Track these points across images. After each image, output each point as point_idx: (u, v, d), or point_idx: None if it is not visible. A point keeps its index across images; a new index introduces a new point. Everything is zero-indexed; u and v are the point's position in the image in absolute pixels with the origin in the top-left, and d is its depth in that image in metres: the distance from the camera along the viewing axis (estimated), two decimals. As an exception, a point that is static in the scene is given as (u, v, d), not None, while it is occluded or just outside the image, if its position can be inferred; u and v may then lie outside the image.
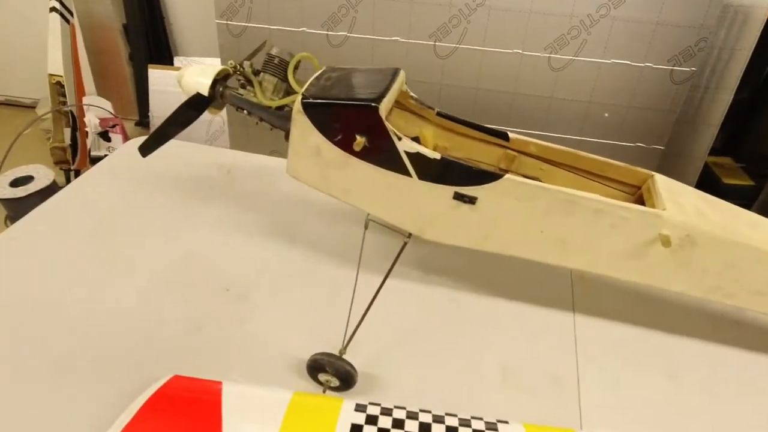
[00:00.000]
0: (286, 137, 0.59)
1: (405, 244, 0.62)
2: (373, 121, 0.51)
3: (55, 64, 1.99)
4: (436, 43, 1.43)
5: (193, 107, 0.65)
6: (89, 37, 2.25)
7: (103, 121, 2.05)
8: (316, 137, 0.54)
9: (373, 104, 0.50)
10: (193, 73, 0.62)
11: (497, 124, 1.61)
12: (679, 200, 0.53)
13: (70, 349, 0.66)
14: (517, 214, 0.54)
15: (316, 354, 0.62)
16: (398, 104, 0.61)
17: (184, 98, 0.67)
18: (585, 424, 0.61)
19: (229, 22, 1.50)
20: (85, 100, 2.10)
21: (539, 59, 1.39)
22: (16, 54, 2.51)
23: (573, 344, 0.71)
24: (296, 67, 0.61)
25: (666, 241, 0.51)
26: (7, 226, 1.86)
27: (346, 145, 0.54)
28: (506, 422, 0.55)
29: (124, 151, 1.15)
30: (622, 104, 1.41)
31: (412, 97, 0.59)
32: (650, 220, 0.51)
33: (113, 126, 2.08)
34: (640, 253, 0.54)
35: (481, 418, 0.55)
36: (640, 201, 0.58)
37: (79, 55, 2.09)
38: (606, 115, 1.44)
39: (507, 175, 0.52)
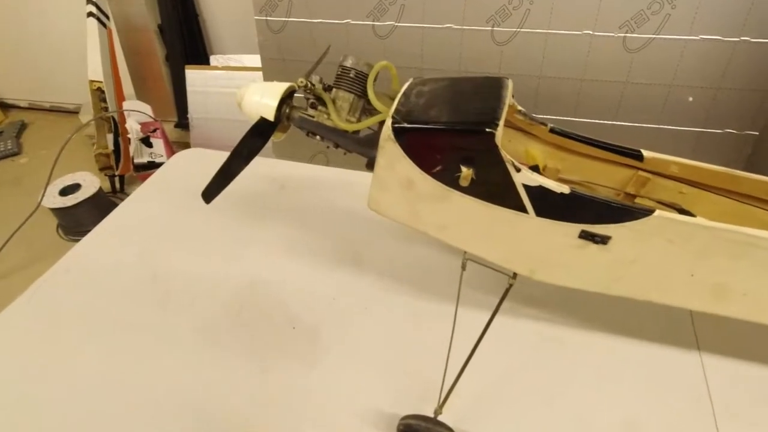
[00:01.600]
0: (369, 166, 0.50)
1: (510, 286, 0.52)
2: (487, 149, 0.41)
3: (95, 69, 1.96)
4: (494, 29, 1.30)
5: (259, 134, 0.57)
6: (125, 40, 2.22)
7: (144, 126, 2.03)
8: (409, 168, 0.45)
9: (487, 129, 0.40)
10: (254, 92, 0.53)
11: (562, 115, 1.47)
12: None
13: (122, 407, 0.60)
14: (663, 256, 0.43)
15: (408, 417, 0.53)
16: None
17: (222, 98, 0.58)
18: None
19: (268, 18, 1.41)
20: (126, 105, 2.08)
21: (612, 40, 1.24)
22: (58, 61, 2.52)
23: (706, 393, 0.60)
24: (375, 80, 0.51)
25: None
26: (59, 235, 1.88)
27: (447, 178, 0.44)
28: None
29: (173, 164, 1.10)
30: (711, 86, 1.25)
31: (519, 111, 0.49)
32: None
33: (154, 130, 2.05)
34: None
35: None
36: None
37: (117, 59, 2.07)
38: (690, 99, 1.28)
39: (657, 212, 0.41)
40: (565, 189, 0.42)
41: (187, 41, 2.18)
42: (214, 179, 0.61)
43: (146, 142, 2.03)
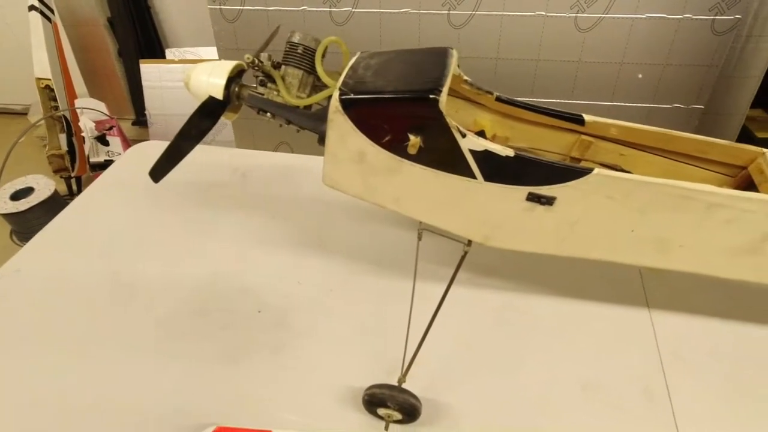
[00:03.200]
0: (320, 141, 0.50)
1: (465, 254, 0.53)
2: (432, 116, 0.41)
3: (42, 66, 1.87)
4: (450, 12, 1.31)
5: (208, 114, 0.56)
6: (73, 35, 2.13)
7: (98, 124, 1.95)
8: (359, 140, 0.45)
9: (431, 96, 0.41)
10: (201, 72, 0.52)
11: (521, 95, 1.49)
12: (804, 183, 0.44)
13: (89, 398, 0.58)
14: (605, 214, 0.45)
15: (373, 387, 0.54)
16: (450, 90, 0.51)
17: (180, 93, 0.57)
18: (687, 444, 0.53)
19: (222, 7, 1.38)
20: (78, 102, 1.99)
21: (564, 20, 1.27)
22: (1, 59, 2.39)
23: (655, 347, 0.63)
24: (323, 56, 0.51)
25: (794, 235, 0.42)
26: (13, 241, 1.79)
27: (396, 148, 0.45)
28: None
29: (127, 159, 1.06)
30: (658, 63, 1.30)
31: (466, 81, 0.50)
32: (776, 211, 0.42)
33: (110, 128, 1.98)
34: (757, 248, 0.45)
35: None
36: (746, 183, 0.49)
37: (66, 55, 1.98)
38: (640, 76, 1.32)
39: (596, 170, 0.43)
40: (509, 152, 0.43)
41: (140, 35, 2.11)
42: (162, 159, 0.60)
43: (102, 140, 1.95)
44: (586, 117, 0.49)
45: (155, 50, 2.17)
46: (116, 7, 2.04)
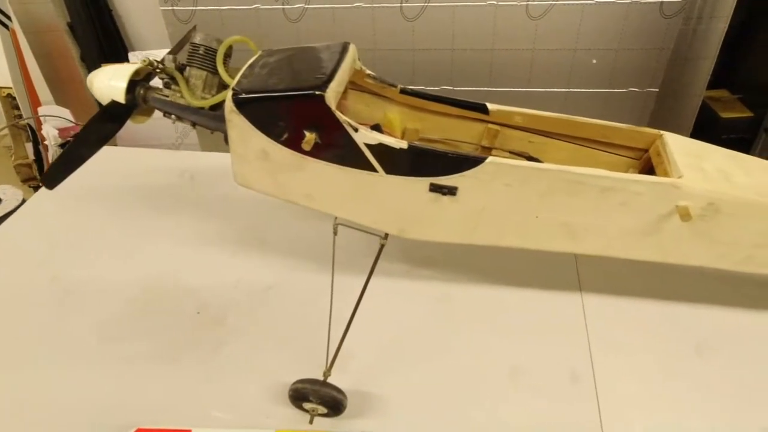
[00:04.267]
0: (226, 141, 0.50)
1: (382, 246, 0.53)
2: (321, 112, 0.41)
3: (2, 74, 1.85)
4: (403, 5, 1.31)
5: (110, 118, 0.55)
6: (34, 41, 2.09)
7: (62, 131, 1.93)
8: (260, 139, 0.45)
9: (316, 92, 0.41)
10: (104, 76, 0.51)
11: (479, 86, 1.50)
12: (700, 163, 0.45)
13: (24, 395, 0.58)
14: (507, 201, 0.46)
15: (296, 382, 0.54)
16: (355, 86, 0.51)
17: None
18: (605, 424, 0.54)
19: (175, 8, 1.36)
20: (41, 110, 1.97)
21: (516, 9, 1.28)
22: (-39, 69, 2.34)
23: (584, 331, 0.64)
24: (228, 55, 0.51)
25: (685, 214, 0.42)
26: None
27: (295, 145, 0.45)
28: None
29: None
30: (611, 48, 1.31)
31: (369, 75, 0.50)
32: (667, 192, 0.43)
33: (74, 135, 1.95)
34: (655, 229, 0.46)
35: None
36: (649, 166, 0.49)
37: (27, 62, 1.95)
38: (594, 61, 1.33)
39: (489, 158, 0.43)
40: (403, 144, 0.43)
41: (102, 39, 2.08)
42: (57, 165, 0.59)
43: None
44: (490, 106, 0.49)
45: (120, 54, 2.14)
46: (75, 11, 2.00)
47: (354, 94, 0.52)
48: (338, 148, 0.44)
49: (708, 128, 2.14)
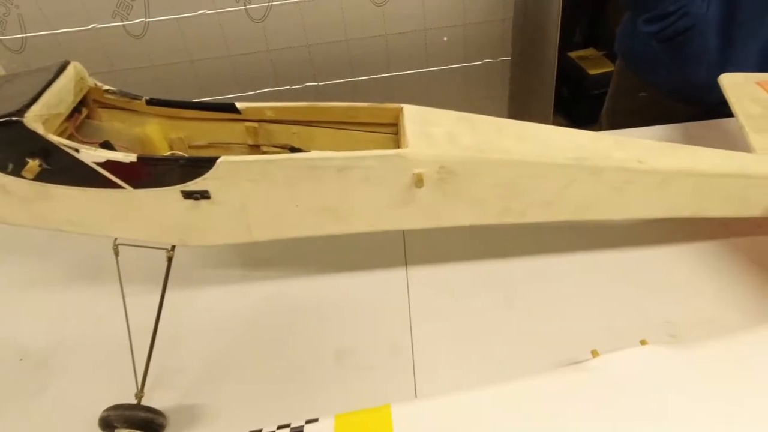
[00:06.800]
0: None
1: (170, 259, 0.53)
2: (27, 137, 0.40)
3: None
4: (247, 7, 1.29)
5: None
6: None
7: None
8: (-14, 171, 0.43)
9: (13, 118, 0.39)
10: None
11: (343, 78, 1.51)
12: (429, 130, 0.47)
13: None
14: (260, 196, 0.47)
15: (106, 410, 0.53)
16: (101, 104, 0.50)
17: None
18: (419, 390, 0.57)
19: (2, 38, 1.27)
20: None
21: (359, -4, 1.29)
22: None
23: (407, 304, 0.66)
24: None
25: (419, 181, 0.45)
26: None
27: (24, 174, 0.43)
28: (315, 420, 0.49)
29: None
30: (458, 24, 1.35)
31: (108, 90, 0.49)
32: (396, 162, 0.45)
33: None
34: (410, 198, 0.48)
35: (288, 425, 0.49)
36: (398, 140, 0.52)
37: None
38: (445, 38, 1.38)
39: (221, 158, 0.44)
40: (132, 157, 0.43)
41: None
42: None
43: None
44: (240, 105, 0.50)
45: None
46: None
47: (108, 113, 0.51)
48: (71, 170, 0.43)
49: (580, 86, 2.29)
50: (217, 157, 0.43)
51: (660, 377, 0.50)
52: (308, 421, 0.50)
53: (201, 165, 0.44)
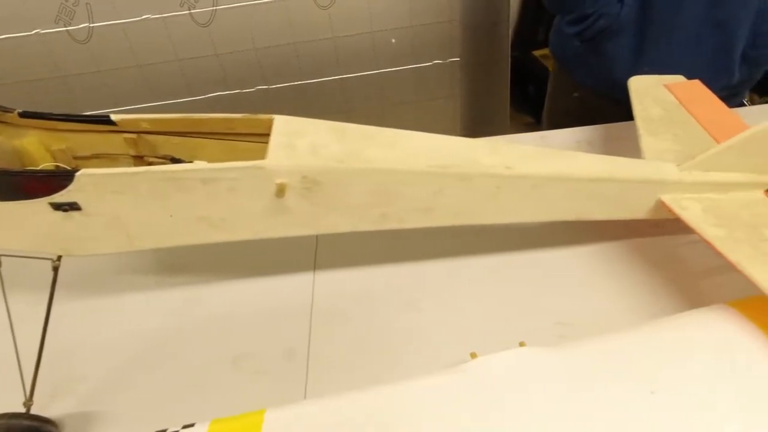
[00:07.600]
0: None
1: (56, 269, 0.53)
2: None
3: None
4: (192, 11, 1.29)
5: None
6: None
7: None
8: None
9: None
10: None
11: (292, 81, 1.51)
12: (294, 141, 0.48)
13: None
14: (130, 207, 0.47)
15: (-11, 421, 0.54)
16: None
17: None
18: (309, 395, 0.58)
19: (-55, 48, 1.27)
20: None
21: (303, 0, 1.30)
22: None
23: (309, 309, 0.67)
24: None
25: (279, 191, 0.46)
26: None
27: None
28: (192, 425, 0.50)
29: None
30: (404, 26, 1.36)
31: (-22, 104, 0.50)
32: (256, 173, 0.46)
33: None
34: (281, 207, 0.49)
35: (165, 430, 0.50)
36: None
37: None
38: (393, 41, 1.38)
39: (81, 171, 0.44)
40: (-16, 170, 0.43)
41: None
42: None
43: None
44: (115, 117, 0.50)
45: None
46: None
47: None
48: None
49: (545, 84, 2.30)
50: (76, 170, 0.44)
51: (532, 378, 0.51)
52: (185, 426, 0.51)
53: (63, 177, 0.44)
